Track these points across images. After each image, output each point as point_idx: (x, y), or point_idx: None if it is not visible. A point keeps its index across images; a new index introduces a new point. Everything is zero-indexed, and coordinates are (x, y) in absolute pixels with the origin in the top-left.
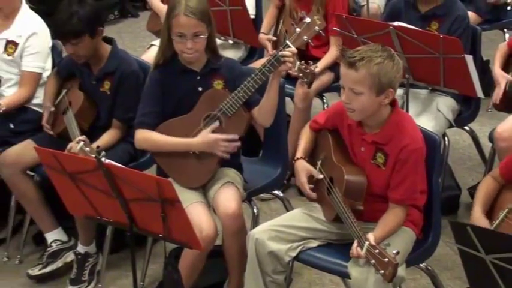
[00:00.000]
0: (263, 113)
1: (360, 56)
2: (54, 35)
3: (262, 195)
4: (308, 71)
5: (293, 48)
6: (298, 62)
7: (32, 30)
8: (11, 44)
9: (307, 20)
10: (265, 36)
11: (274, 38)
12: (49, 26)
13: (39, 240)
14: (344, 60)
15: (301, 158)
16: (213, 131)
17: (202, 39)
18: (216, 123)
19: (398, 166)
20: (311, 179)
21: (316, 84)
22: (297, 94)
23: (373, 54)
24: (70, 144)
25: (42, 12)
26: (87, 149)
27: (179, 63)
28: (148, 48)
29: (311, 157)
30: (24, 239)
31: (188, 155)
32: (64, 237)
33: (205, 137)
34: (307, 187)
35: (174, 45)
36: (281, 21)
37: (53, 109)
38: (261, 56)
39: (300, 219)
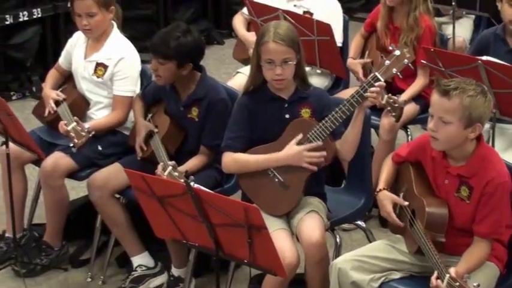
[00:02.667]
0: (346, 146)
1: (454, 85)
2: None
3: (344, 225)
4: (396, 105)
5: (382, 83)
6: (386, 96)
7: (121, 55)
8: (100, 67)
9: (397, 52)
10: (355, 61)
11: (368, 60)
12: (139, 51)
13: (123, 261)
14: (439, 87)
15: (384, 189)
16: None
17: (291, 66)
18: (300, 135)
19: (484, 200)
20: (395, 209)
21: None
22: (382, 125)
23: (467, 86)
24: (159, 168)
25: (133, 38)
26: (176, 173)
27: (268, 90)
28: (235, 75)
29: (393, 189)
30: (108, 260)
31: (273, 182)
32: (150, 263)
33: (290, 149)
34: (394, 216)
35: (264, 72)
36: (367, 52)
37: (157, 130)
38: (347, 86)
39: (383, 250)
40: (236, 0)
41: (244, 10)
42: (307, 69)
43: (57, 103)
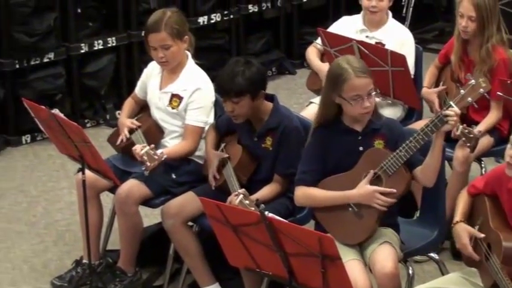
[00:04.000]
0: (426, 173)
1: None
2: (217, 91)
3: (416, 257)
4: (472, 135)
5: (457, 109)
6: (461, 126)
7: (196, 86)
8: (175, 98)
9: (472, 81)
10: (430, 90)
11: (443, 88)
12: (212, 80)
13: None
14: None
15: (461, 221)
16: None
17: (374, 96)
18: (371, 172)
19: None
20: (470, 242)
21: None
22: (456, 157)
23: None
24: (230, 197)
25: (205, 67)
26: (247, 202)
27: (342, 123)
28: (308, 105)
29: (468, 223)
30: (180, 287)
31: (347, 211)
32: None
33: (362, 188)
34: (470, 248)
35: (348, 109)
36: (441, 83)
37: (218, 176)
38: (420, 118)
39: (457, 283)
40: (308, 31)
41: (318, 41)
42: (377, 100)
43: (132, 131)
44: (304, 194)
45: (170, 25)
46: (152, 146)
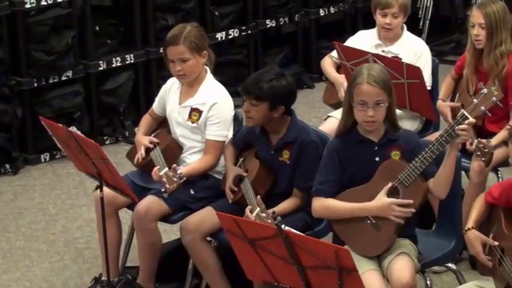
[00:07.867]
0: (439, 184)
1: None
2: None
3: (434, 267)
4: (486, 149)
5: (471, 120)
6: (476, 140)
7: (215, 100)
8: (195, 112)
9: (484, 90)
10: (445, 103)
11: (458, 104)
12: (232, 95)
13: None
14: None
15: (473, 228)
16: (388, 196)
17: (382, 108)
18: (389, 184)
19: None
20: (484, 248)
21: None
22: (472, 168)
23: None
24: (246, 211)
25: (224, 83)
26: (264, 214)
27: (358, 133)
28: (325, 119)
29: (484, 230)
30: None
31: (365, 223)
32: None
33: (380, 200)
34: (483, 256)
35: (355, 114)
36: (457, 95)
37: (246, 174)
38: (437, 129)
39: None
40: (326, 45)
41: (333, 53)
42: (399, 112)
43: (150, 149)
44: (322, 205)
45: (189, 39)
46: (174, 166)
